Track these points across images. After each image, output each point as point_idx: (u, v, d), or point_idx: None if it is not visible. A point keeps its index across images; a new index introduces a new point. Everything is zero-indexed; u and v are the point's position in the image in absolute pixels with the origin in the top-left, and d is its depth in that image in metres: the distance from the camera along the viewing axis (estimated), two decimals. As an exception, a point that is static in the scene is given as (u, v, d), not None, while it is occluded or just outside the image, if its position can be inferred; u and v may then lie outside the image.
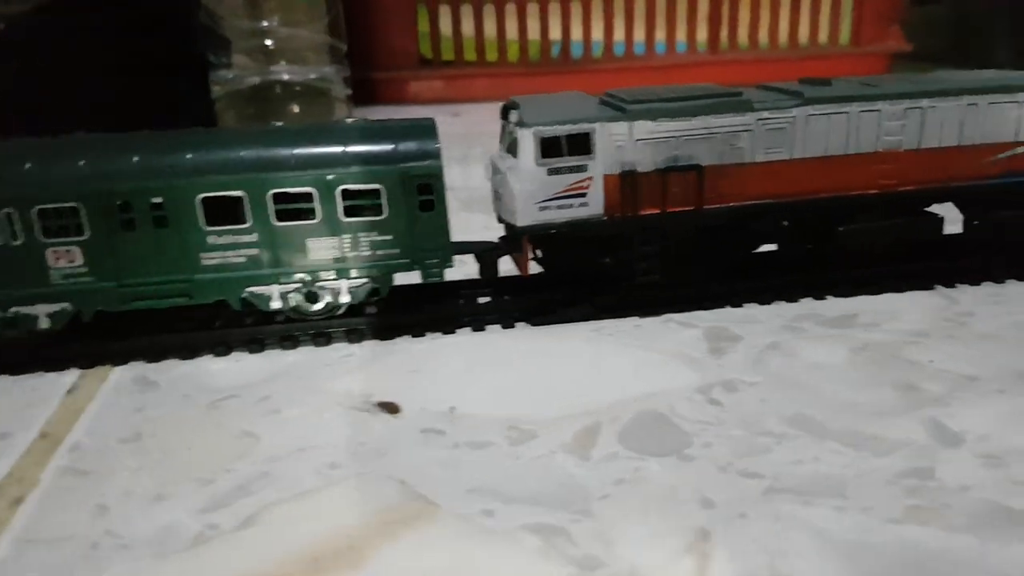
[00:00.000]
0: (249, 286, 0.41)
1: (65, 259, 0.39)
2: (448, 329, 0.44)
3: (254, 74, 0.95)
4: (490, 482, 0.31)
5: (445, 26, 1.31)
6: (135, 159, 0.39)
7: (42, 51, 0.95)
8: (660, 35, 1.44)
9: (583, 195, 0.42)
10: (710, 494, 0.30)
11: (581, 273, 0.45)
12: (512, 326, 0.45)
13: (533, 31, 1.37)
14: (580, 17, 1.35)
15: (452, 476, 0.31)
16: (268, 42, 0.95)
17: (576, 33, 1.35)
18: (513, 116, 0.42)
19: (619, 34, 1.40)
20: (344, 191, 0.40)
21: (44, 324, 0.40)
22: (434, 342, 0.43)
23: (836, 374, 0.38)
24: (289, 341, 0.42)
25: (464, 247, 0.45)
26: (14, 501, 0.31)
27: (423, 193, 0.41)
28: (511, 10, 1.34)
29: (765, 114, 0.43)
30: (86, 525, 0.29)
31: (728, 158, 0.43)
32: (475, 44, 1.33)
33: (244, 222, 0.40)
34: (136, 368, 0.41)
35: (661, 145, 0.42)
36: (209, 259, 0.40)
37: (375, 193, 0.40)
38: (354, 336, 0.43)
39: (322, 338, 0.43)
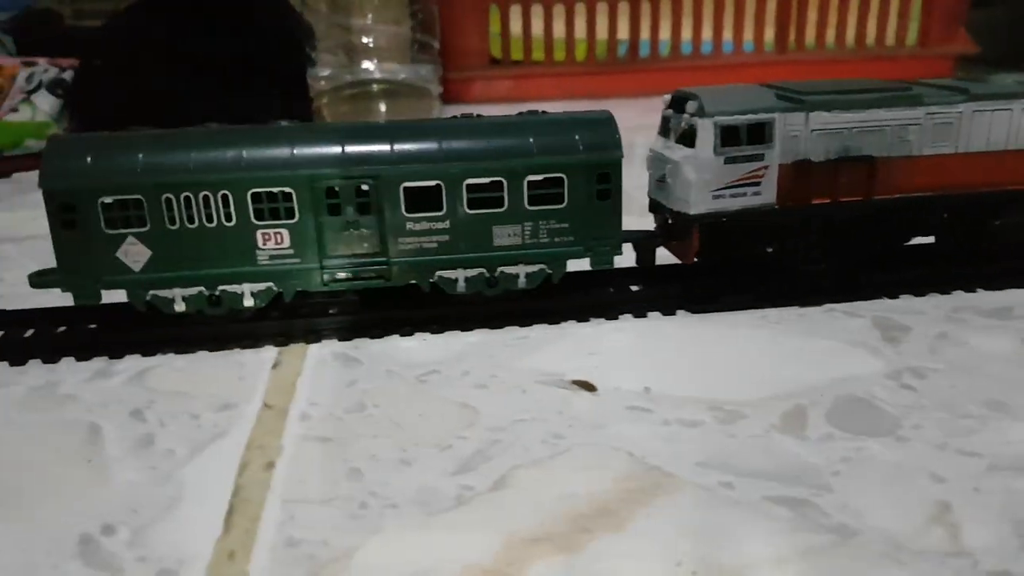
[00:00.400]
0: (439, 270, 0.43)
1: (273, 241, 0.41)
2: (611, 315, 0.45)
3: (350, 72, 0.98)
4: (716, 457, 0.32)
5: (515, 26, 1.34)
6: (342, 148, 0.41)
7: (153, 49, 0.98)
8: (727, 35, 1.46)
9: (757, 184, 0.43)
10: (937, 471, 0.31)
11: (744, 262, 0.47)
12: (673, 313, 0.46)
13: (601, 30, 1.40)
14: (648, 16, 1.38)
15: (676, 451, 0.33)
16: (365, 40, 0.97)
17: (644, 32, 1.36)
18: (690, 106, 0.43)
19: (686, 33, 1.42)
20: (530, 181, 0.42)
21: (248, 303, 0.42)
22: (599, 327, 0.45)
23: (1012, 362, 0.39)
24: (467, 323, 0.44)
25: (623, 236, 0.46)
26: (266, 466, 0.33)
27: (601, 182, 0.43)
28: (580, 9, 1.37)
29: (934, 109, 0.44)
30: (346, 487, 0.31)
31: (896, 150, 0.45)
32: (544, 44, 1.36)
33: (439, 209, 0.42)
34: (330, 346, 0.43)
35: (834, 136, 0.44)
36: (406, 244, 0.42)
37: (558, 182, 0.42)
38: (526, 320, 0.44)
39: (496, 320, 0.44)
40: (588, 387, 0.38)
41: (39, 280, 0.42)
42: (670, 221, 0.47)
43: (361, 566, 0.27)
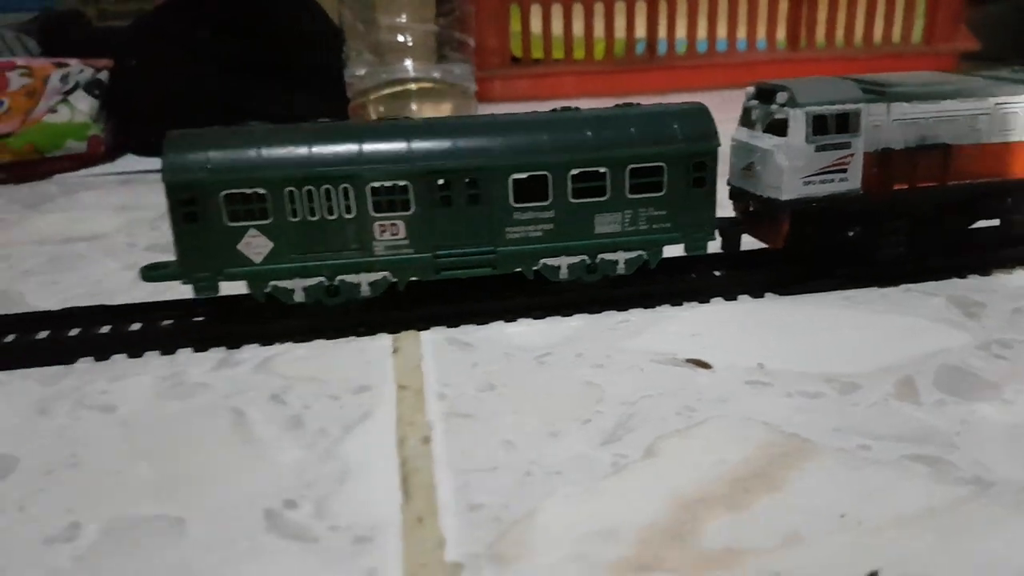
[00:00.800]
0: (543, 258, 0.45)
1: (390, 232, 0.42)
2: (703, 298, 0.47)
3: (386, 71, 0.99)
4: (846, 424, 0.34)
5: (535, 25, 1.35)
6: (454, 142, 0.42)
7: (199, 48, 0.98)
8: (741, 33, 1.49)
9: (844, 171, 0.46)
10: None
11: (828, 246, 0.48)
12: (762, 296, 0.48)
13: (619, 29, 1.43)
14: (665, 15, 1.41)
15: (807, 419, 0.35)
16: (400, 38, 0.98)
17: (661, 31, 1.38)
18: (780, 97, 0.45)
19: (702, 32, 1.45)
20: (632, 169, 0.44)
21: (365, 292, 0.43)
22: (695, 310, 0.47)
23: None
24: (567, 309, 0.46)
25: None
26: (423, 440, 0.34)
27: (698, 171, 0.45)
28: (599, 9, 1.40)
29: (1003, 100, 0.47)
30: (505, 457, 0.32)
31: (968, 139, 0.48)
32: (563, 42, 1.37)
33: (546, 199, 0.43)
34: (439, 332, 0.44)
35: (912, 126, 0.46)
36: (513, 233, 0.44)
37: (658, 171, 0.44)
38: (623, 304, 0.46)
39: (596, 305, 0.46)
40: (703, 365, 0.40)
41: (152, 274, 0.43)
42: (751, 208, 0.50)
43: (544, 526, 0.29)
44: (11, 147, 0.88)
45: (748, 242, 0.51)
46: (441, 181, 0.42)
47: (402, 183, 0.42)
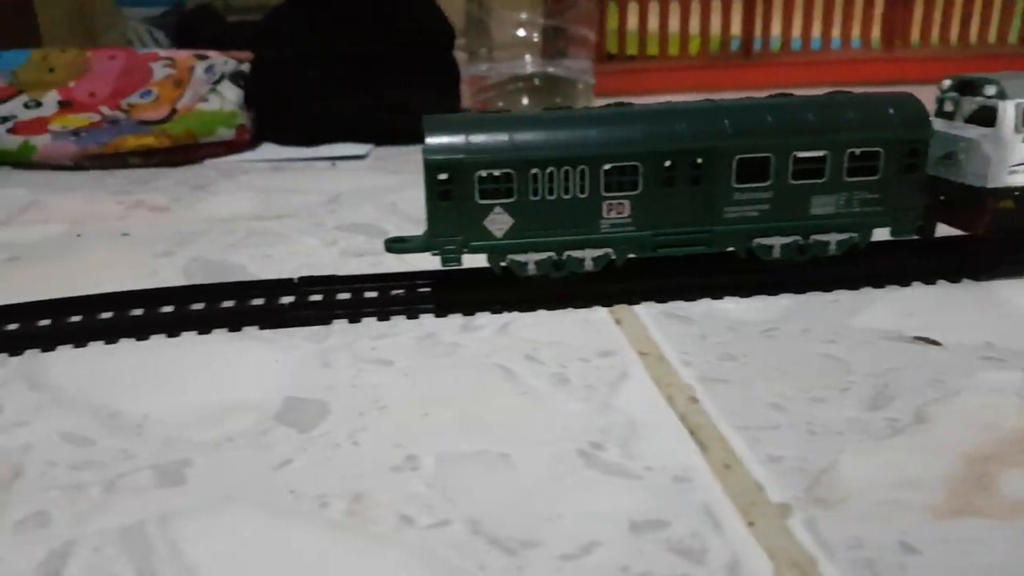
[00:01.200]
0: (757, 237, 0.47)
1: (616, 211, 0.45)
2: (905, 282, 0.49)
3: (507, 67, 1.02)
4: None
5: (631, 22, 1.38)
6: (684, 125, 0.45)
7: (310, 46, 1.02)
8: (835, 32, 1.49)
9: (1050, 161, 0.48)
10: None
11: (1020, 233, 0.49)
12: (959, 281, 0.50)
13: (714, 26, 1.44)
14: (761, 13, 1.43)
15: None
16: (520, 33, 1.01)
17: (756, 28, 1.40)
18: (988, 90, 0.47)
19: (796, 30, 1.47)
20: (851, 153, 0.46)
21: (588, 267, 0.47)
22: (898, 292, 0.48)
23: None
24: (774, 288, 0.48)
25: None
26: (691, 400, 0.37)
27: (911, 157, 0.47)
28: (695, 6, 1.42)
29: None
30: (778, 417, 0.34)
31: None
32: (659, 39, 1.39)
33: (766, 180, 0.46)
34: (649, 307, 0.47)
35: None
36: (730, 212, 0.46)
37: (875, 155, 0.46)
38: (826, 285, 0.48)
39: (803, 285, 0.48)
40: (933, 342, 0.42)
41: (396, 246, 0.46)
42: (942, 197, 0.52)
43: (851, 476, 0.31)
44: (170, 132, 0.94)
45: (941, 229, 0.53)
46: (668, 163, 0.45)
47: (633, 164, 0.45)
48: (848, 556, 0.27)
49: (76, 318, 0.47)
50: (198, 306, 0.48)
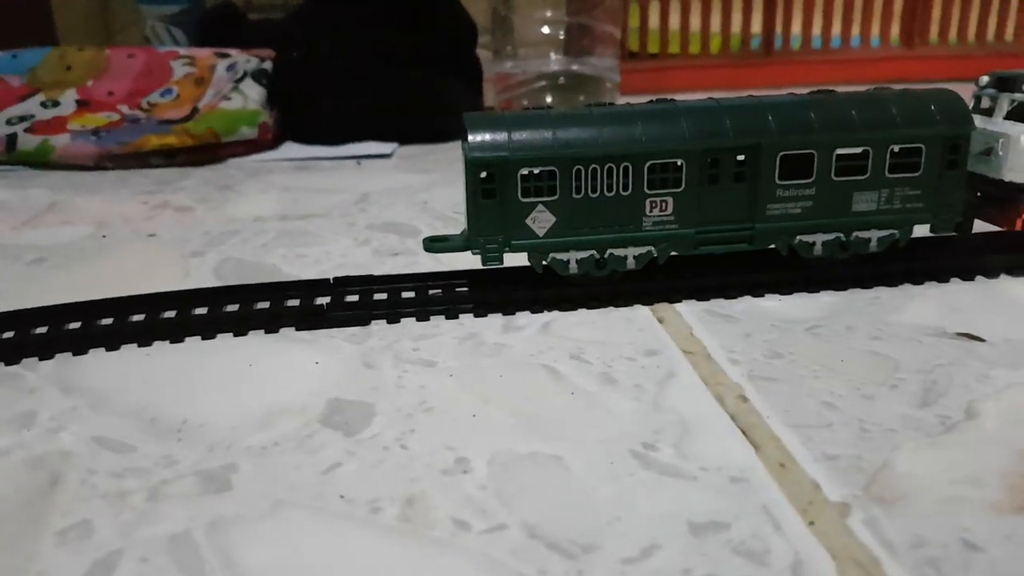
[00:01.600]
0: (799, 234, 0.47)
1: (658, 208, 0.45)
2: (943, 278, 0.49)
3: (533, 64, 1.01)
4: None
5: (653, 21, 1.40)
6: (728, 122, 0.45)
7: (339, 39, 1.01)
8: (855, 30, 1.48)
9: (1092, 157, 0.48)
10: None
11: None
12: (997, 276, 0.50)
13: (735, 24, 1.44)
14: (782, 11, 1.42)
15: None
16: (545, 31, 1.01)
17: (777, 26, 1.42)
18: (1028, 86, 0.47)
19: (816, 28, 1.46)
20: (893, 150, 0.46)
21: (631, 265, 0.47)
22: (938, 288, 0.48)
23: None
24: (815, 285, 0.48)
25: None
26: (740, 399, 0.36)
27: (952, 153, 0.46)
28: (716, 5, 1.41)
29: None
30: (830, 416, 0.34)
31: None
32: (680, 37, 1.41)
33: (808, 177, 0.46)
34: (691, 305, 0.47)
35: None
36: (773, 210, 0.46)
37: (917, 152, 0.46)
38: (866, 282, 0.48)
39: (843, 283, 0.48)
40: (976, 338, 0.42)
41: (436, 245, 0.46)
42: (980, 194, 0.51)
43: (908, 474, 0.31)
44: (192, 131, 0.94)
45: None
46: (711, 160, 0.45)
47: (677, 162, 0.44)
48: (911, 555, 0.26)
49: (107, 320, 0.46)
50: (232, 307, 0.48)
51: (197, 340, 0.45)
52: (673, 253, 0.47)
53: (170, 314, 0.47)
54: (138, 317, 0.47)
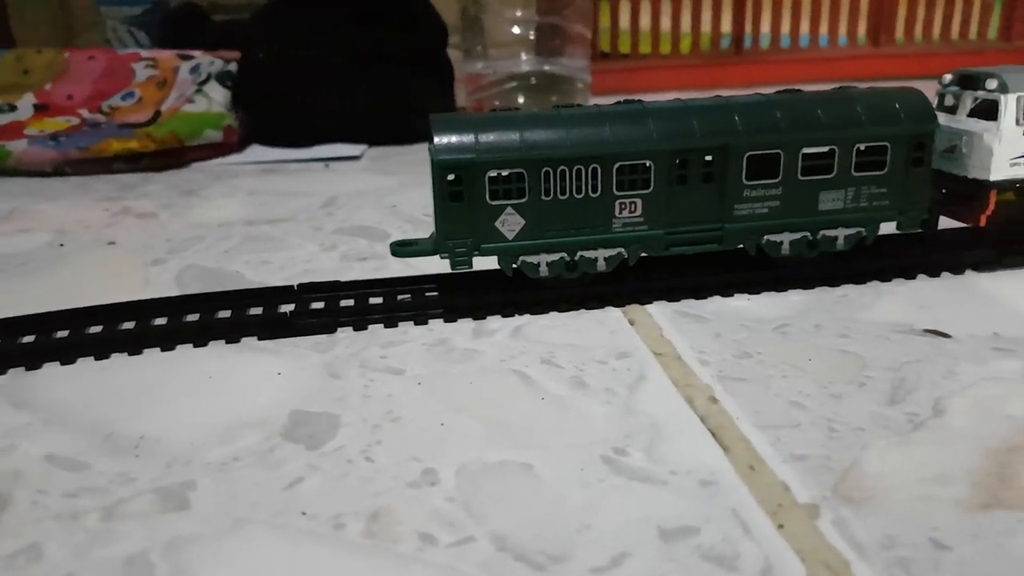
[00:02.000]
0: (767, 234, 0.47)
1: (628, 209, 0.45)
2: (910, 275, 0.49)
3: (503, 65, 1.01)
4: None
5: (623, 20, 1.40)
6: (694, 122, 0.45)
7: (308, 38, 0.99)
8: (823, 29, 1.50)
9: (1052, 153, 0.48)
10: None
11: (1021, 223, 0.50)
12: (962, 273, 0.50)
13: (705, 24, 1.45)
14: (751, 11, 1.44)
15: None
16: (516, 31, 1.00)
17: (747, 26, 1.43)
18: (990, 84, 0.47)
19: (786, 27, 1.48)
20: (859, 148, 0.46)
21: (601, 267, 0.46)
22: (905, 285, 0.48)
23: None
24: (784, 284, 0.48)
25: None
26: (710, 400, 0.36)
27: (917, 151, 0.47)
28: (686, 4, 1.42)
29: None
30: (799, 415, 0.34)
31: None
32: (651, 38, 1.41)
33: (775, 177, 0.46)
34: (662, 306, 0.47)
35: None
36: (741, 210, 0.46)
37: (883, 150, 0.46)
38: (833, 280, 0.48)
39: (811, 281, 0.48)
40: (942, 335, 0.42)
41: (403, 250, 0.45)
42: (944, 191, 0.52)
43: (877, 473, 0.31)
44: (155, 135, 0.92)
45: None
46: (680, 160, 0.45)
47: (646, 163, 0.44)
48: (881, 556, 0.26)
49: (63, 333, 0.44)
50: (193, 317, 0.46)
51: (156, 352, 0.43)
52: (643, 254, 0.47)
53: (128, 325, 0.45)
54: (95, 329, 0.45)
